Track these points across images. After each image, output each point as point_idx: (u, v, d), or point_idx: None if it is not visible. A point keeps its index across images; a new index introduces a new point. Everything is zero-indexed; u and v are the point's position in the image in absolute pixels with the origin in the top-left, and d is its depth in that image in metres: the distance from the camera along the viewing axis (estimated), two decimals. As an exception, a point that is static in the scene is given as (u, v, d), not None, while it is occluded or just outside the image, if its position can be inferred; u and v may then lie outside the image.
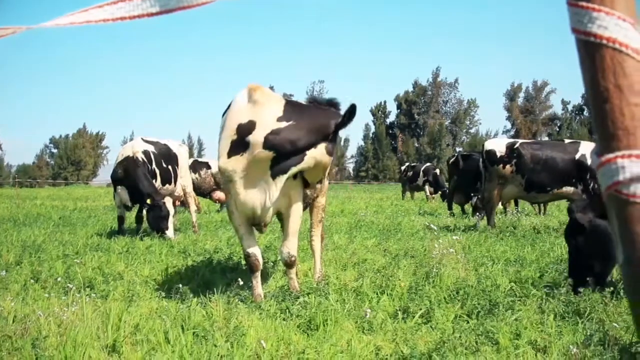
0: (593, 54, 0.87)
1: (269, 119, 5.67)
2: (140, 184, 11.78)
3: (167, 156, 13.19)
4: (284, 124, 5.65)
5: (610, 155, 0.84)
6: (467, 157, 18.31)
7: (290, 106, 5.82)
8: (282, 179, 5.75)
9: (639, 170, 0.82)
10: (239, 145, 5.71)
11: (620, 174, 0.83)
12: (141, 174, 11.85)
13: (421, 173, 29.44)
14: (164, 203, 11.58)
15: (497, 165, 12.68)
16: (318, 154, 5.73)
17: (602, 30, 0.85)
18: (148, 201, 11.75)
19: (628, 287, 0.87)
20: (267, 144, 5.60)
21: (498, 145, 13.00)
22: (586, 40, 0.87)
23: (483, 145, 13.64)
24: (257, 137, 5.61)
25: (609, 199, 0.86)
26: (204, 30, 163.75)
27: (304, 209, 6.51)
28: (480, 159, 13.70)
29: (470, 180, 17.22)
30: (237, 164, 5.72)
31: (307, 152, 5.69)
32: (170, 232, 11.58)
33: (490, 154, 12.88)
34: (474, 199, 16.19)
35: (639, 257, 0.83)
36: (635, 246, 0.83)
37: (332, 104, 5.92)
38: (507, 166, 12.54)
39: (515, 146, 12.60)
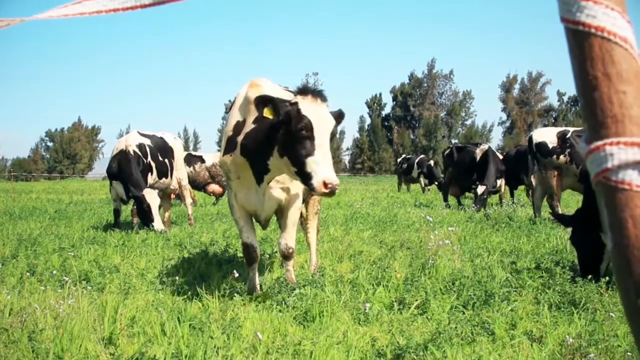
0: (582, 42, 0.87)
1: (250, 120, 5.50)
2: (130, 178, 11.71)
3: (163, 149, 13.10)
4: (252, 128, 5.43)
5: (599, 143, 0.85)
6: (461, 149, 18.29)
7: None
8: (264, 185, 5.62)
9: (627, 157, 0.83)
10: (233, 143, 5.61)
11: (608, 161, 0.84)
12: (132, 168, 11.75)
13: (415, 165, 29.49)
14: (143, 195, 11.47)
15: (550, 157, 12.62)
16: (282, 162, 5.21)
17: (591, 19, 0.85)
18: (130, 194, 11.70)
19: (617, 273, 0.88)
20: (242, 149, 5.49)
21: (548, 135, 12.87)
22: (575, 29, 0.87)
23: (530, 137, 13.50)
24: (241, 139, 5.51)
25: (597, 186, 0.87)
26: (199, 23, 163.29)
27: (302, 200, 6.46)
28: (529, 152, 13.53)
29: (465, 172, 17.23)
30: (231, 163, 5.66)
31: (269, 161, 5.36)
32: (157, 223, 11.44)
33: (541, 145, 12.77)
34: (481, 188, 16.09)
35: (627, 243, 0.84)
36: (623, 232, 0.84)
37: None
38: (561, 156, 12.46)
39: (568, 136, 12.49)
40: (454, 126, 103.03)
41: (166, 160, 13.05)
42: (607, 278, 5.81)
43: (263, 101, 5.09)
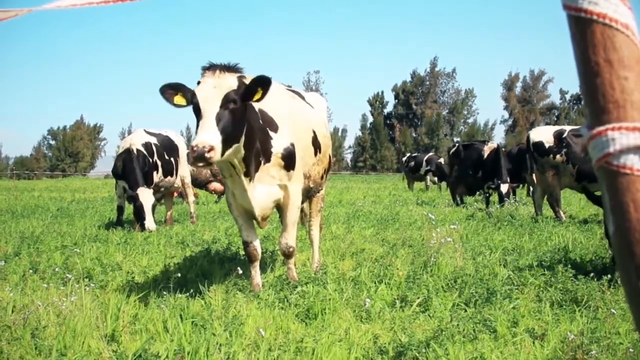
0: (584, 29, 0.88)
1: None
2: (129, 177, 11.68)
3: (169, 148, 13.05)
4: None
5: (601, 128, 0.86)
6: (467, 147, 18.20)
7: None
8: (253, 181, 5.48)
9: (628, 142, 0.84)
10: None
11: (610, 145, 0.85)
12: (134, 167, 11.70)
13: (424, 163, 29.28)
14: (137, 194, 11.45)
15: (547, 156, 12.61)
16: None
17: (593, 6, 0.86)
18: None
19: (619, 256, 0.89)
20: None
21: (545, 135, 12.88)
22: (577, 16, 0.88)
23: (528, 136, 13.51)
24: None
25: (599, 171, 0.88)
26: (201, 19, 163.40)
27: (303, 200, 6.42)
28: (527, 151, 13.52)
29: (471, 170, 17.12)
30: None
31: None
32: (148, 222, 11.35)
33: (538, 145, 12.77)
34: (504, 187, 15.90)
35: (628, 226, 0.85)
36: (624, 216, 0.85)
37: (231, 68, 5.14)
38: (558, 156, 12.45)
39: (564, 135, 12.48)
40: (456, 124, 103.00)
41: (172, 159, 13.02)
42: (609, 276, 5.81)
43: (173, 89, 5.06)
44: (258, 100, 5.05)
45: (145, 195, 11.47)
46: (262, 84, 5.00)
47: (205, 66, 5.08)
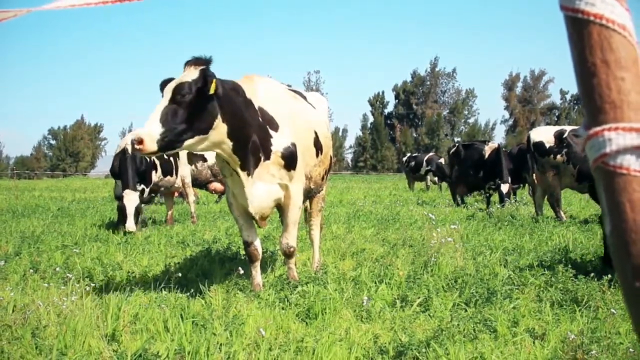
0: (581, 30, 0.89)
1: None
2: (122, 177, 11.64)
3: (168, 147, 12.96)
4: None
5: (598, 128, 0.87)
6: (468, 147, 18.17)
7: None
8: (251, 179, 5.48)
9: (625, 142, 0.84)
10: None
11: (607, 146, 0.86)
12: (127, 166, 11.62)
13: (424, 163, 29.22)
14: (123, 196, 11.38)
15: (547, 156, 12.61)
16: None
17: (590, 7, 0.87)
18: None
19: (615, 256, 0.89)
20: None
21: (546, 135, 12.88)
22: (574, 17, 0.89)
23: (528, 136, 13.51)
24: None
25: (596, 171, 0.89)
26: (201, 19, 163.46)
27: (303, 201, 6.41)
28: (528, 151, 13.52)
29: (472, 170, 17.09)
30: (220, 160, 5.61)
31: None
32: (128, 224, 11.13)
33: (539, 145, 12.79)
34: (505, 187, 15.86)
35: (624, 226, 0.85)
36: (621, 216, 0.86)
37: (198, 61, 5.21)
38: (558, 156, 12.45)
39: (564, 135, 12.45)
40: (457, 124, 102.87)
41: (171, 159, 12.98)
42: (610, 276, 5.81)
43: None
44: (215, 93, 5.03)
45: (130, 198, 11.38)
46: (209, 76, 5.03)
47: (185, 61, 5.18)
